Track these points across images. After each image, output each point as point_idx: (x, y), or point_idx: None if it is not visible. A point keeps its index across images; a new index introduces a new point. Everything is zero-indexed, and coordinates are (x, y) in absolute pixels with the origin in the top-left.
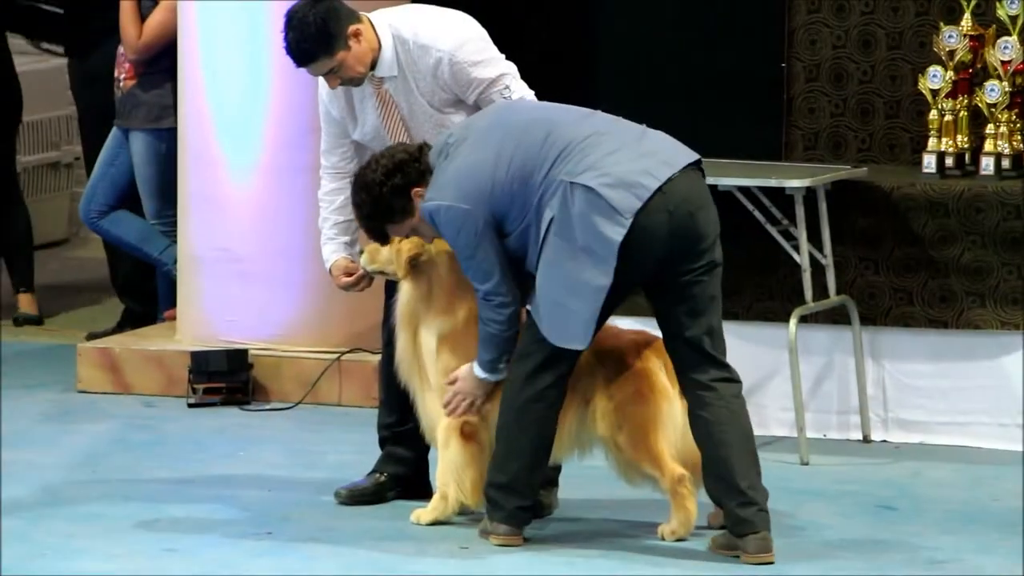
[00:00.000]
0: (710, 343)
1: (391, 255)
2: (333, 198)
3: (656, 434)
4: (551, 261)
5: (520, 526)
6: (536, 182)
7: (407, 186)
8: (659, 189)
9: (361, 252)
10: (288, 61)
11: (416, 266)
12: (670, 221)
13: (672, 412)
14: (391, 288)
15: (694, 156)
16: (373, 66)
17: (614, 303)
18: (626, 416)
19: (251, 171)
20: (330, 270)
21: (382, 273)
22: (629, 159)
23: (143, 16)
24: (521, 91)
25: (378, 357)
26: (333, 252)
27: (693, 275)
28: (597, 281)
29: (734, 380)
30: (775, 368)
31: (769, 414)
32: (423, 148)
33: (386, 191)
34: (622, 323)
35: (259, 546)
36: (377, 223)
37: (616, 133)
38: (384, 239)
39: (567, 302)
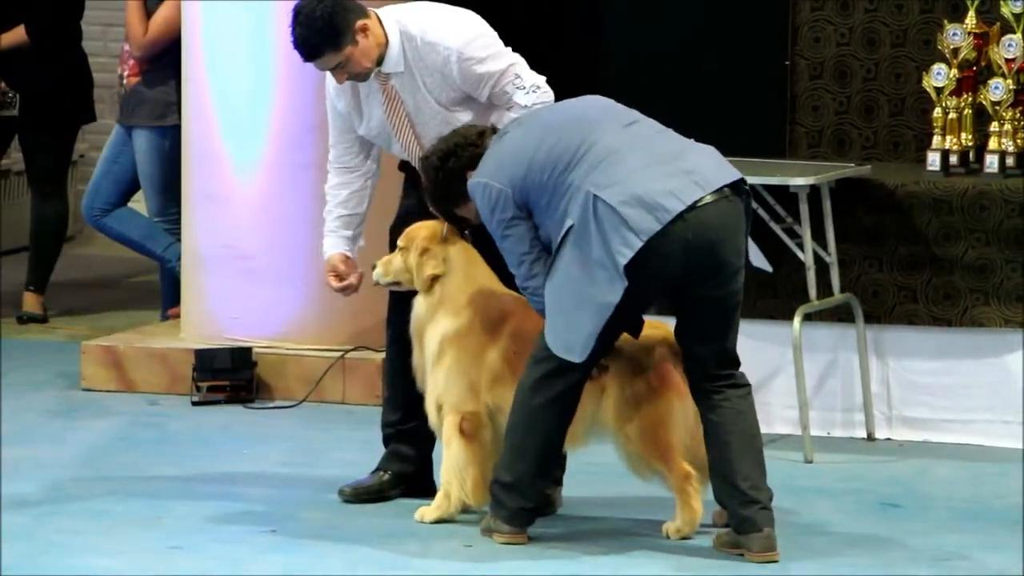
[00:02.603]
0: (715, 364)
1: (404, 265)
2: (339, 191)
3: (667, 430)
4: (564, 269)
5: (523, 525)
6: (564, 181)
7: (461, 170)
8: (681, 216)
9: (374, 267)
10: (292, 57)
11: (435, 283)
12: (686, 249)
13: (684, 409)
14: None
15: (734, 176)
16: (380, 62)
17: (622, 322)
18: (638, 410)
19: (255, 168)
20: (326, 264)
21: (396, 284)
22: (659, 177)
23: (148, 13)
24: (532, 79)
25: (382, 355)
26: (333, 246)
27: (709, 302)
28: (606, 297)
29: (740, 384)
30: (779, 366)
31: (773, 412)
32: (485, 132)
33: (441, 177)
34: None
35: (263, 543)
36: (443, 207)
37: (654, 146)
38: (456, 221)
39: (573, 313)
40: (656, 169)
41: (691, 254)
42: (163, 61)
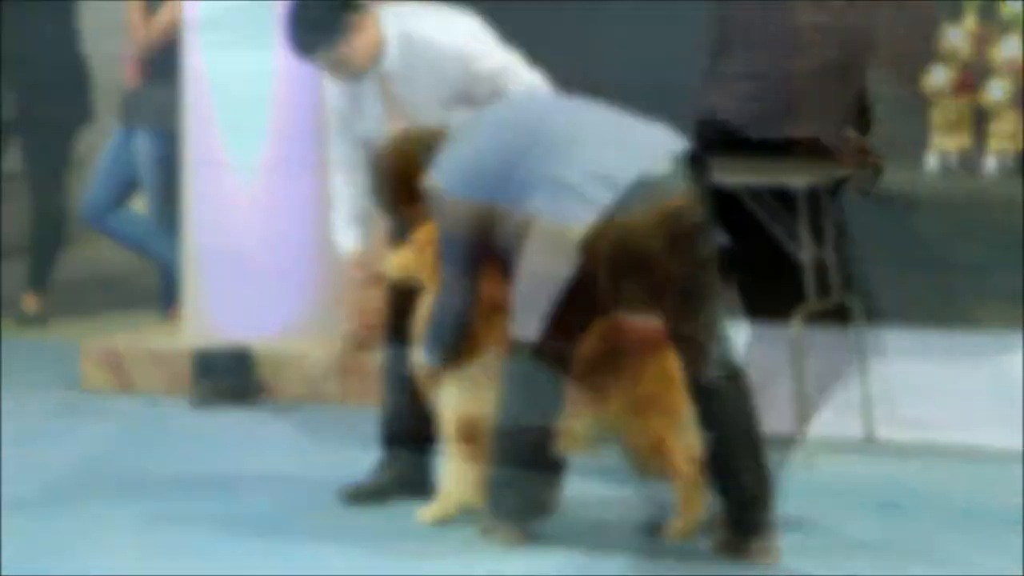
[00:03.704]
0: (707, 337)
1: (411, 258)
2: (346, 188)
3: (670, 431)
4: (527, 257)
5: (521, 525)
6: (521, 175)
7: (415, 172)
8: (639, 185)
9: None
10: (292, 57)
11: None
12: (648, 218)
13: (688, 409)
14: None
15: (687, 146)
16: (377, 61)
17: (594, 301)
18: (643, 410)
19: (255, 168)
20: (346, 258)
21: (408, 280)
22: (613, 152)
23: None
24: (529, 78)
25: (382, 355)
26: (349, 240)
27: (684, 275)
28: (560, 271)
29: (737, 378)
30: (779, 366)
31: (773, 412)
32: (438, 134)
33: (396, 177)
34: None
35: (263, 544)
36: (390, 207)
37: (605, 125)
38: (396, 218)
39: (533, 292)
40: (609, 147)
41: (654, 224)
42: (164, 62)
